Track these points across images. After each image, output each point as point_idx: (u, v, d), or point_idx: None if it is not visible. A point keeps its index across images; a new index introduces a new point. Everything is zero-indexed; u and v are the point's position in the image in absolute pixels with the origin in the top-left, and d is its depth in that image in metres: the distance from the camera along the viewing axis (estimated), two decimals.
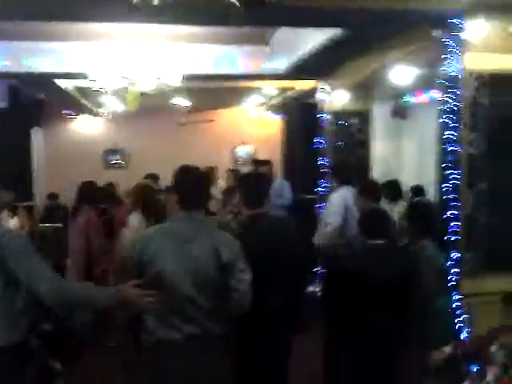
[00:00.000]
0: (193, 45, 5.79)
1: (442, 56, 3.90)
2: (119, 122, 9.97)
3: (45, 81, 5.92)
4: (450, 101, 3.75)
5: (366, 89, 6.20)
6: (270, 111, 10.40)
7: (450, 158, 3.75)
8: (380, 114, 6.67)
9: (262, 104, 9.62)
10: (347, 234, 4.23)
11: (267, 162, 6.37)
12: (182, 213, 2.42)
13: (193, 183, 2.45)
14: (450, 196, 3.73)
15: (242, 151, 10.84)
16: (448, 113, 3.79)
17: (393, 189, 5.62)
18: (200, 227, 2.43)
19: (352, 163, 5.97)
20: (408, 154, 6.93)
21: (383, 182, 5.42)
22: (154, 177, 6.55)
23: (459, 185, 3.72)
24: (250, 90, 8.31)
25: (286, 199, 6.52)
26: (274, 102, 9.04)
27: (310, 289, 5.52)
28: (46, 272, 2.19)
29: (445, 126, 3.80)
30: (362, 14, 3.79)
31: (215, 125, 10.48)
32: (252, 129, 10.84)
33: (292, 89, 7.65)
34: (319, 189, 6.59)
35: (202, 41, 5.74)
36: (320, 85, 6.49)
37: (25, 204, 6.39)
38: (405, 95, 6.85)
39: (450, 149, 3.72)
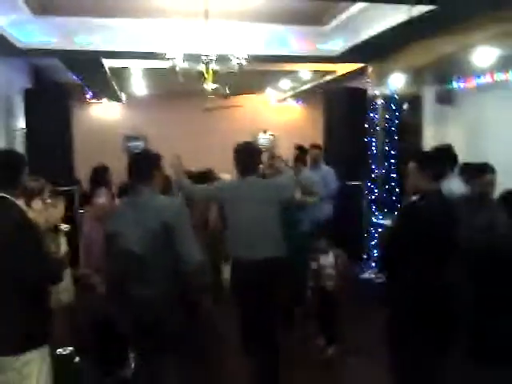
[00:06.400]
0: (244, 23, 5.55)
1: None
2: (143, 107, 9.76)
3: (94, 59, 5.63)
4: None
5: (420, 73, 5.97)
6: (297, 97, 10.22)
7: None
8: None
9: (291, 89, 9.37)
10: None
11: (319, 147, 6.06)
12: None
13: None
14: None
15: (264, 138, 10.73)
16: None
17: None
18: None
19: None
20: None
21: None
22: None
23: None
24: (282, 74, 8.05)
25: (332, 189, 5.77)
26: (306, 87, 8.81)
27: None
28: None
29: None
30: None
31: (238, 111, 10.21)
32: (274, 116, 10.66)
33: (333, 72, 7.43)
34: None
35: (255, 19, 5.51)
36: (372, 68, 6.29)
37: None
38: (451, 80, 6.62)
39: None
